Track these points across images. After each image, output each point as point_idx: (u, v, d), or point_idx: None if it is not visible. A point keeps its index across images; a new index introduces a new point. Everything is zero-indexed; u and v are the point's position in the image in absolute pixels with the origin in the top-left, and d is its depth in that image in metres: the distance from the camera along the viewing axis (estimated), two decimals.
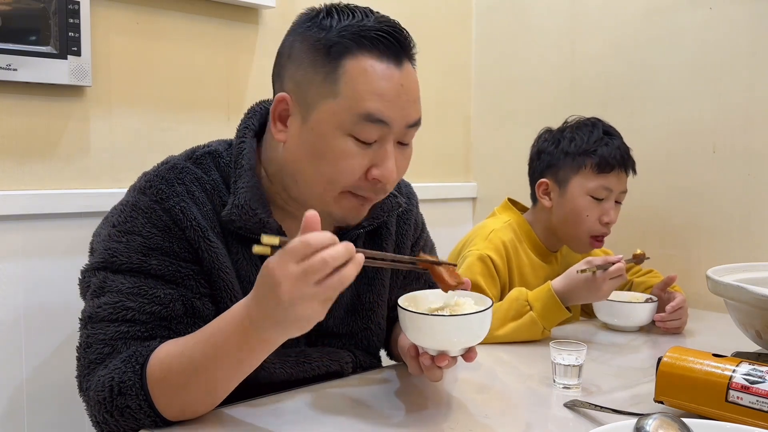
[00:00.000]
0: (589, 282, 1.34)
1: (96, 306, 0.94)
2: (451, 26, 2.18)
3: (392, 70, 0.95)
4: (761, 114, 1.60)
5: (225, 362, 0.86)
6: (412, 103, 0.98)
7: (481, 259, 1.49)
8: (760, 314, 1.08)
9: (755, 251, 1.60)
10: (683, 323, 1.49)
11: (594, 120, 1.58)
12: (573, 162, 1.52)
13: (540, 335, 1.36)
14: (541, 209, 1.60)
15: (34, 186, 1.34)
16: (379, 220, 1.14)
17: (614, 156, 1.51)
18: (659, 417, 0.75)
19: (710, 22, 1.68)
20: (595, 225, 1.52)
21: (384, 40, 0.95)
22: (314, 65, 0.96)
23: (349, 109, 0.94)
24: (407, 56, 0.99)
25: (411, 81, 0.99)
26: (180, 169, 1.01)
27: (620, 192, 1.55)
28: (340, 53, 0.94)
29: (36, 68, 1.27)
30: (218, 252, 0.98)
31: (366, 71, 0.94)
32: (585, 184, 1.51)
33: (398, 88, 0.95)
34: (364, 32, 0.94)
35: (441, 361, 0.93)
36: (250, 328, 0.82)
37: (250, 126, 1.07)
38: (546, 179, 1.57)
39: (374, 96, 0.94)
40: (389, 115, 0.95)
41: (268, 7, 1.63)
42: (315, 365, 1.08)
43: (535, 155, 1.63)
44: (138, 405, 0.87)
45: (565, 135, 1.57)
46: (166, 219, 0.96)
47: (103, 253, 0.96)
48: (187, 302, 0.96)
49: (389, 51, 0.95)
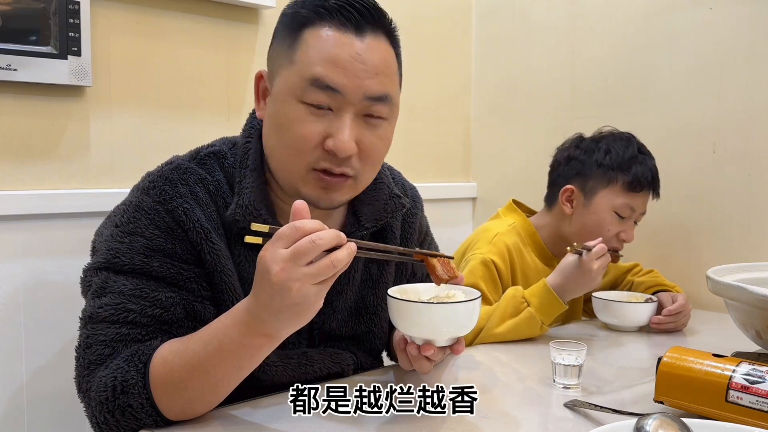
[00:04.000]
0: (580, 267, 1.34)
1: (97, 306, 0.94)
2: (451, 26, 2.18)
3: (349, 38, 0.94)
4: (761, 114, 1.60)
5: (227, 361, 0.86)
6: (372, 75, 0.95)
7: (485, 264, 1.49)
8: (760, 314, 1.09)
9: (755, 251, 1.60)
10: (683, 324, 1.49)
11: (629, 135, 1.57)
12: (605, 175, 1.51)
13: (539, 331, 1.36)
14: (555, 214, 1.59)
15: (34, 186, 1.34)
16: (383, 221, 1.14)
17: (646, 177, 1.51)
18: (659, 417, 0.75)
19: (710, 22, 1.68)
20: (612, 241, 1.52)
21: (343, 11, 0.94)
22: (281, 39, 0.98)
23: (299, 75, 0.94)
24: (371, 29, 0.96)
25: (373, 52, 0.96)
26: (184, 169, 1.01)
27: (641, 213, 1.55)
28: (301, 24, 0.96)
29: (36, 68, 1.27)
30: (221, 254, 0.98)
31: (320, 38, 0.94)
32: (612, 200, 1.51)
33: (353, 56, 0.94)
34: (322, 3, 0.95)
35: (426, 351, 0.93)
36: (252, 323, 0.82)
37: (255, 126, 1.07)
38: (572, 186, 1.55)
39: (324, 62, 0.93)
40: (339, 82, 0.93)
41: (268, 7, 1.63)
42: (317, 367, 1.08)
43: (563, 159, 1.60)
44: (140, 404, 0.87)
45: (600, 146, 1.55)
46: (168, 220, 0.96)
47: (105, 253, 0.96)
48: (188, 306, 0.95)
49: (349, 21, 0.95)
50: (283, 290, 0.77)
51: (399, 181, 1.24)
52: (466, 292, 1.00)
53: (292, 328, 0.83)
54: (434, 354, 0.94)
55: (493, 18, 2.20)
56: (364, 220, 1.11)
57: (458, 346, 0.96)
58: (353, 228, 1.11)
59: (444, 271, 0.96)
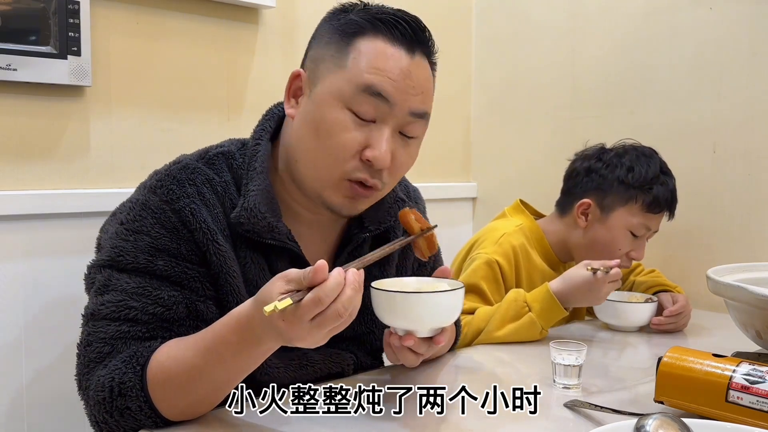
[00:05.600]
0: (590, 283, 1.33)
1: (99, 303, 0.94)
2: (451, 26, 2.18)
3: (401, 53, 0.96)
4: (761, 114, 1.60)
5: (225, 365, 0.86)
6: (418, 93, 0.98)
7: (488, 264, 1.48)
8: (760, 314, 1.08)
9: (755, 251, 1.60)
10: (684, 325, 1.49)
11: (651, 152, 1.54)
12: (625, 193, 1.49)
13: (539, 335, 1.36)
14: (567, 223, 1.58)
15: (34, 186, 1.34)
16: (386, 224, 1.13)
17: (666, 198, 1.49)
18: (659, 417, 0.75)
19: (710, 22, 1.68)
20: (622, 259, 1.49)
21: (399, 26, 0.97)
22: (330, 42, 0.98)
23: (350, 81, 0.95)
24: (421, 49, 0.99)
25: (420, 73, 0.98)
26: (192, 169, 1.00)
27: (654, 231, 1.54)
28: (354, 32, 0.97)
29: (36, 68, 1.27)
30: (226, 255, 0.98)
31: (375, 49, 0.96)
32: (629, 219, 1.49)
33: (404, 72, 0.96)
34: (380, 16, 0.97)
35: (407, 341, 0.93)
36: (252, 340, 0.84)
37: (266, 128, 1.07)
38: (590, 200, 1.53)
39: (378, 71, 0.95)
40: (390, 92, 0.95)
41: (268, 7, 1.63)
42: (318, 368, 1.09)
43: (582, 171, 1.56)
44: (138, 406, 0.87)
45: (623, 162, 1.51)
46: (175, 220, 0.96)
47: (109, 250, 0.96)
48: (190, 305, 0.95)
49: (403, 38, 0.97)
50: (299, 342, 0.81)
51: (403, 184, 1.24)
52: (451, 285, 0.99)
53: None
54: (416, 345, 0.94)
55: (493, 18, 2.20)
56: (368, 223, 1.11)
57: (440, 337, 0.95)
58: (355, 231, 1.11)
59: (427, 247, 0.97)
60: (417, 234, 0.98)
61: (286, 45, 1.72)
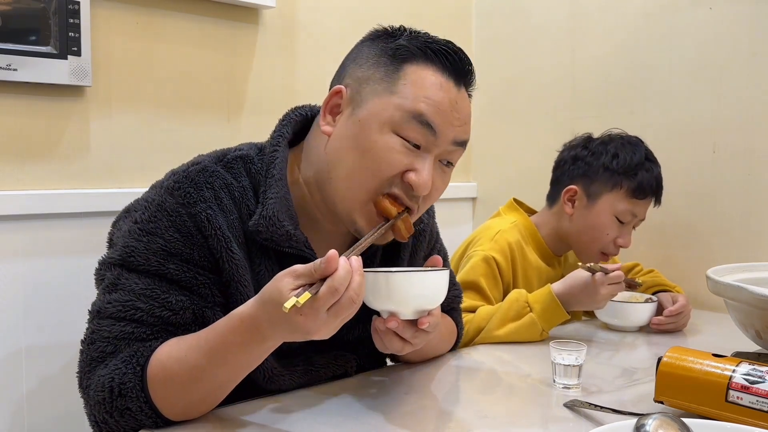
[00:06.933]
0: (589, 285, 1.34)
1: (106, 302, 0.93)
2: (451, 26, 2.18)
3: (450, 85, 0.98)
4: (761, 114, 1.60)
5: (226, 364, 0.86)
6: (462, 124, 1.00)
7: (486, 260, 1.49)
8: (760, 314, 1.09)
9: (755, 251, 1.60)
10: (684, 325, 1.49)
11: (637, 140, 1.56)
12: (610, 179, 1.50)
13: (539, 336, 1.36)
14: (556, 213, 1.59)
15: (34, 186, 1.34)
16: None
17: (651, 184, 1.51)
18: (659, 417, 0.75)
19: (710, 22, 1.68)
20: (609, 245, 1.52)
21: (449, 57, 0.98)
22: (377, 65, 0.98)
23: (400, 107, 0.95)
24: (465, 82, 1.01)
25: (465, 104, 1.01)
26: (210, 172, 0.99)
27: (640, 219, 1.55)
28: (405, 57, 0.97)
29: (36, 68, 1.27)
30: (239, 264, 0.97)
31: (426, 78, 0.97)
32: (615, 205, 1.50)
33: (452, 104, 0.98)
34: (431, 45, 0.99)
35: (390, 322, 0.91)
36: (258, 339, 0.84)
37: (284, 134, 1.06)
38: (576, 186, 1.54)
39: (429, 101, 0.96)
40: (438, 123, 0.96)
41: (268, 7, 1.63)
42: (322, 372, 1.09)
43: (569, 159, 1.59)
44: (138, 407, 0.87)
45: (608, 149, 1.53)
46: (190, 225, 0.94)
47: (121, 249, 0.95)
48: (198, 311, 0.94)
49: (452, 68, 0.98)
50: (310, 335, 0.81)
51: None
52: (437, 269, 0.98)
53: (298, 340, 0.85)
54: (400, 329, 0.91)
55: (493, 18, 2.20)
56: None
57: (424, 319, 0.92)
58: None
59: (405, 228, 0.98)
60: (395, 217, 0.98)
61: (286, 45, 1.72)
